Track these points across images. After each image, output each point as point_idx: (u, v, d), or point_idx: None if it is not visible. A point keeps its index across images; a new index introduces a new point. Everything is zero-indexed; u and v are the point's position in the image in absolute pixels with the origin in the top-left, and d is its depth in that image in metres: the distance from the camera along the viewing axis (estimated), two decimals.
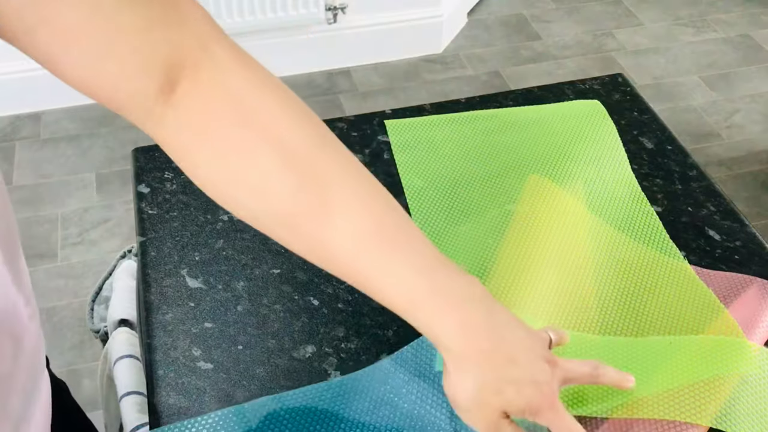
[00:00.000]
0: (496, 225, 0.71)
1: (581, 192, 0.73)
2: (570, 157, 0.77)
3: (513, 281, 0.64)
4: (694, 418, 0.54)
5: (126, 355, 0.70)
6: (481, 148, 0.79)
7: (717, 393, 0.55)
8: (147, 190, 0.75)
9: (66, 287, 1.63)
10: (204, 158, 0.45)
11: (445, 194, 0.74)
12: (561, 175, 0.75)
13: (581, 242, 0.68)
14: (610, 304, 0.64)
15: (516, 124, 0.82)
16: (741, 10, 2.48)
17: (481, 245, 0.69)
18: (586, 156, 0.78)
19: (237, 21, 2.01)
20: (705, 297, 0.64)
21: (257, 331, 0.63)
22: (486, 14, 2.45)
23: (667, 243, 0.70)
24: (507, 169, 0.77)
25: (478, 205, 0.73)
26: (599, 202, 0.73)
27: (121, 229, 1.76)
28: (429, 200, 0.74)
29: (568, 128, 0.81)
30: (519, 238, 0.67)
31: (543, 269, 0.65)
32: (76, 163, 1.92)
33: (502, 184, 0.75)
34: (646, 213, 0.73)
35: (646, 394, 0.55)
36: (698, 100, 2.14)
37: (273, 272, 0.67)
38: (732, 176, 1.92)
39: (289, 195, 0.45)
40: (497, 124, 0.82)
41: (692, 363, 0.57)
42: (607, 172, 0.77)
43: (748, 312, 0.62)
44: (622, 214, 0.73)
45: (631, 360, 0.58)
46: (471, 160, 0.78)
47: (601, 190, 0.75)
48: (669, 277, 0.67)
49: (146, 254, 0.69)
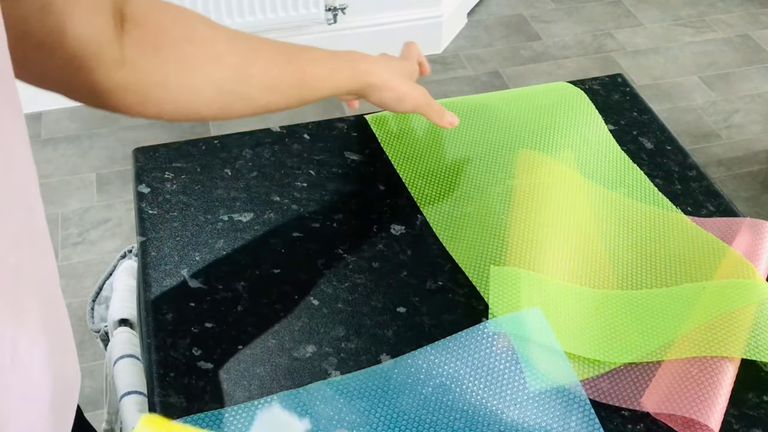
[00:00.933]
0: (501, 201, 0.73)
1: (571, 159, 0.76)
2: (554, 128, 0.80)
3: (530, 250, 0.66)
4: (727, 351, 0.57)
5: (126, 354, 0.70)
6: (468, 131, 0.81)
7: (740, 324, 0.58)
8: (147, 190, 0.75)
9: (66, 287, 1.63)
10: (171, 70, 0.54)
11: (444, 179, 0.76)
12: (549, 146, 0.78)
13: (583, 206, 0.72)
14: (624, 260, 0.68)
15: (497, 105, 0.84)
16: (741, 11, 2.48)
17: (493, 222, 0.70)
18: (568, 125, 0.81)
19: (237, 21, 2.02)
20: (709, 241, 0.68)
21: (257, 330, 0.63)
22: (486, 14, 2.45)
23: (659, 197, 0.74)
24: (498, 147, 0.79)
25: (479, 185, 0.75)
26: (589, 166, 0.77)
27: (122, 229, 1.76)
28: (430, 187, 0.75)
29: (547, 103, 0.84)
30: (525, 210, 0.70)
31: (555, 235, 0.68)
32: (76, 163, 1.92)
33: (496, 162, 0.77)
34: (634, 171, 0.77)
35: (675, 337, 0.60)
36: (698, 100, 2.14)
37: (273, 272, 0.67)
38: (731, 176, 1.92)
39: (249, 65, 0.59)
40: (478, 106, 0.84)
41: (711, 303, 0.61)
42: (590, 137, 0.80)
43: (744, 251, 0.66)
44: (612, 174, 0.76)
45: (653, 311, 0.62)
46: (460, 142, 0.80)
47: (588, 154, 0.78)
48: (671, 228, 0.71)
49: (146, 254, 0.69)
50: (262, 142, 0.80)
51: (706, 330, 0.59)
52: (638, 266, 0.68)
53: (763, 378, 0.60)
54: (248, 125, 0.88)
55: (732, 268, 0.64)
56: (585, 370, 0.59)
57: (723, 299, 0.61)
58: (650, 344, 0.60)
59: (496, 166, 0.77)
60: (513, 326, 0.60)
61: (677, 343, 0.59)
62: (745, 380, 0.60)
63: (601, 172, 0.76)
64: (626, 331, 0.61)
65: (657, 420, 0.57)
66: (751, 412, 0.58)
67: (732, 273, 0.64)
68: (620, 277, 0.67)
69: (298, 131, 0.82)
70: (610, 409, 0.58)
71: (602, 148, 0.79)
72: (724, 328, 0.58)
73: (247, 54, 0.59)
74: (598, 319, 0.62)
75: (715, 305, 0.61)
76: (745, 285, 0.62)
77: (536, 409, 0.56)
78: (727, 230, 0.70)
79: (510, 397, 0.57)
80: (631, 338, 0.61)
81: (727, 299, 0.61)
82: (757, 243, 0.67)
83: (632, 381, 0.59)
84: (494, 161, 0.77)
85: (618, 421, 0.57)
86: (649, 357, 0.59)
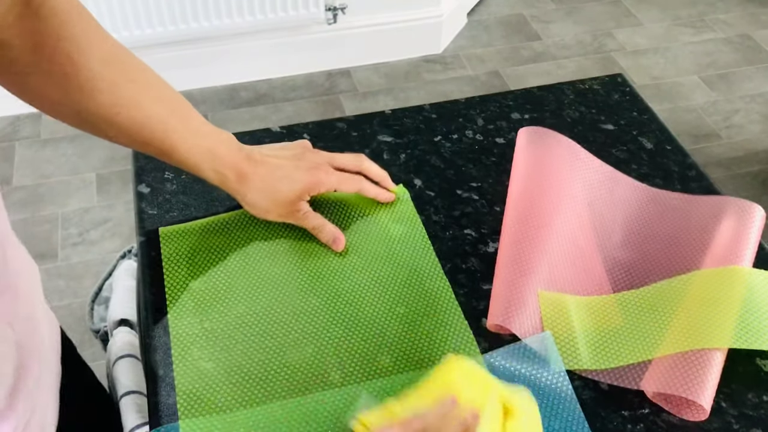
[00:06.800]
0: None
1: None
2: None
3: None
4: (713, 343, 0.57)
5: (126, 354, 0.70)
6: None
7: (726, 315, 0.59)
8: (147, 190, 0.75)
9: (66, 288, 1.63)
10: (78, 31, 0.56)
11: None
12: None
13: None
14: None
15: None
16: (740, 11, 2.48)
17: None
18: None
19: (237, 21, 2.02)
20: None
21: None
22: (486, 14, 2.45)
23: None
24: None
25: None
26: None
27: (121, 229, 1.76)
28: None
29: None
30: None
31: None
32: (76, 163, 1.92)
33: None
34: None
35: (665, 334, 0.60)
36: (698, 100, 2.14)
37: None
38: (731, 176, 1.92)
39: None
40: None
41: (698, 295, 0.61)
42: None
43: (734, 233, 0.66)
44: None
45: (643, 309, 0.63)
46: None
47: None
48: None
49: (146, 254, 0.69)
50: (263, 142, 0.80)
51: (693, 324, 0.59)
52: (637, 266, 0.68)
53: (762, 378, 0.60)
54: (248, 124, 0.88)
55: (718, 258, 0.65)
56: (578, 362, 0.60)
57: (709, 288, 0.61)
58: (643, 344, 0.60)
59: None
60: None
61: (666, 340, 0.60)
62: (745, 380, 0.60)
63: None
64: (619, 334, 0.61)
65: (656, 420, 0.57)
66: (750, 412, 0.58)
67: (718, 262, 0.64)
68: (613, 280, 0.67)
69: (297, 131, 0.82)
70: (610, 409, 0.58)
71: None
72: (710, 320, 0.59)
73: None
74: (595, 326, 0.62)
75: (702, 295, 0.61)
76: (731, 272, 0.62)
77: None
78: (715, 209, 0.70)
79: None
80: (624, 341, 0.61)
81: (714, 288, 0.61)
82: (744, 225, 0.67)
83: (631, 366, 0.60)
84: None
85: (618, 420, 0.57)
86: (642, 356, 0.60)
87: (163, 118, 0.61)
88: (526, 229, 0.67)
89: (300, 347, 0.61)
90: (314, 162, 0.68)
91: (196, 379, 0.58)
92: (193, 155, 0.63)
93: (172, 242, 0.69)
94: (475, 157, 0.79)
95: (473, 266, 0.68)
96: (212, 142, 0.64)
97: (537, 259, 0.65)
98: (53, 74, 0.56)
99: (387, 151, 0.80)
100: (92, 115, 0.59)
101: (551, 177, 0.72)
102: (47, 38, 0.54)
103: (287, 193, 0.66)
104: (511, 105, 0.87)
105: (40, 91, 0.57)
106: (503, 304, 0.62)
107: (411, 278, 0.66)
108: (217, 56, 2.11)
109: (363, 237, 0.70)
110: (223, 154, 0.64)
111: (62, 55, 0.55)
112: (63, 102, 0.57)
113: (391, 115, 0.85)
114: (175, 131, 0.62)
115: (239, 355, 0.60)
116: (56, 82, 0.56)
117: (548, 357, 0.60)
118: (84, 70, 0.56)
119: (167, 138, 0.62)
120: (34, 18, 0.53)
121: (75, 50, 0.55)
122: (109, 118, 0.59)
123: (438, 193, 0.75)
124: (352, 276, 0.66)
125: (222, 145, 0.64)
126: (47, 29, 0.54)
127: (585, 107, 0.87)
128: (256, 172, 0.65)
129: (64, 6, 0.55)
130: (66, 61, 0.55)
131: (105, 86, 0.58)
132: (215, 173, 0.64)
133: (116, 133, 0.61)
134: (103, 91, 0.58)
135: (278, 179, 0.66)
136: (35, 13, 0.53)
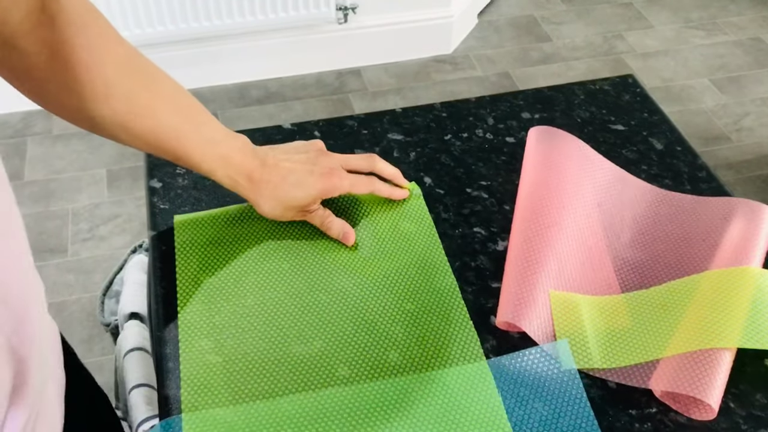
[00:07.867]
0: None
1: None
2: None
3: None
4: (722, 343, 0.57)
5: (136, 347, 0.71)
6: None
7: (736, 314, 0.59)
8: (159, 185, 0.76)
9: (76, 282, 1.65)
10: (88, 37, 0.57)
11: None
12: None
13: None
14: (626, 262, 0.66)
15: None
16: (752, 14, 2.47)
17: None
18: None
19: (248, 20, 2.02)
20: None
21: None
22: (496, 15, 2.45)
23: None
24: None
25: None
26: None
27: (131, 225, 1.77)
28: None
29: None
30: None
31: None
32: (87, 159, 1.93)
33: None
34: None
35: (673, 333, 0.60)
36: (708, 103, 2.14)
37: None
38: (741, 180, 1.91)
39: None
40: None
41: (707, 295, 0.61)
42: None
43: (744, 234, 0.66)
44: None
45: (653, 308, 0.63)
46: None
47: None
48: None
49: (158, 248, 0.70)
50: (273, 139, 0.81)
51: (702, 324, 0.59)
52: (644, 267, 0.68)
53: None
54: (258, 123, 0.88)
55: (727, 259, 0.65)
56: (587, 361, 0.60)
57: (718, 289, 0.62)
58: (651, 343, 0.61)
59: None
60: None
61: (675, 339, 0.60)
62: (753, 381, 0.60)
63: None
64: (628, 333, 0.62)
65: (664, 419, 0.57)
66: (759, 413, 0.58)
67: (727, 263, 0.64)
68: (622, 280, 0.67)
69: (308, 128, 0.82)
70: (618, 408, 0.58)
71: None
72: (719, 320, 0.59)
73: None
74: (605, 326, 0.63)
75: (711, 296, 0.61)
76: (740, 273, 0.62)
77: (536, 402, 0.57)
78: (724, 210, 0.70)
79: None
80: (632, 340, 0.61)
81: (723, 288, 0.61)
82: (754, 227, 0.67)
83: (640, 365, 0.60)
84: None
85: (625, 419, 0.57)
86: (651, 356, 0.60)
87: (177, 126, 0.62)
88: (536, 227, 0.67)
89: (308, 342, 0.62)
90: (327, 167, 0.68)
91: (202, 371, 0.59)
92: (207, 162, 0.64)
93: (185, 231, 0.70)
94: (485, 155, 0.80)
95: (482, 264, 0.68)
96: (226, 148, 0.64)
97: (546, 258, 0.65)
98: (69, 81, 0.56)
99: (397, 149, 0.80)
100: (107, 122, 0.59)
101: (561, 177, 0.72)
102: (63, 45, 0.55)
103: (301, 199, 0.67)
104: (522, 104, 0.87)
105: (58, 98, 0.58)
106: (512, 302, 0.62)
107: (420, 275, 0.67)
108: (227, 55, 2.12)
109: (373, 233, 0.70)
110: (237, 161, 0.64)
111: (78, 63, 0.55)
112: (79, 108, 0.58)
113: (401, 114, 0.85)
114: (189, 139, 0.62)
115: (246, 349, 0.61)
116: (72, 89, 0.56)
117: (559, 356, 0.60)
118: (99, 77, 0.57)
119: (181, 145, 0.62)
120: (51, 25, 0.54)
121: (90, 58, 0.56)
122: (124, 125, 0.60)
123: (447, 192, 0.76)
124: (361, 272, 0.67)
125: (236, 152, 0.65)
126: (63, 37, 0.54)
127: (595, 107, 0.87)
128: (270, 180, 0.66)
129: (80, 11, 0.55)
130: (82, 69, 0.56)
131: (120, 94, 0.58)
132: (229, 179, 0.65)
133: (130, 138, 0.61)
134: (118, 98, 0.58)
135: (292, 185, 0.66)
136: (52, 21, 0.54)
